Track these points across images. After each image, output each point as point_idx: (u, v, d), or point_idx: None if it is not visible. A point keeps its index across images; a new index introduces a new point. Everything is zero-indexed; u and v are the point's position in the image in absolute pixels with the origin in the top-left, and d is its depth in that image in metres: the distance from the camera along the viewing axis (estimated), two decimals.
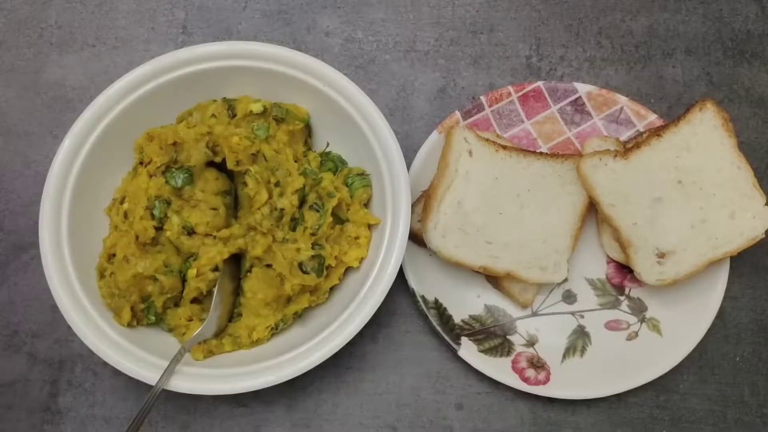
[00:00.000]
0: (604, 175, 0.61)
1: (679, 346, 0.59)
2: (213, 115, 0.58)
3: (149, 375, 0.51)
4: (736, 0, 0.72)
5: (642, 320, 0.62)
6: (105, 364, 0.52)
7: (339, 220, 0.58)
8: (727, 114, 0.62)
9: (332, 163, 0.60)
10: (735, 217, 0.60)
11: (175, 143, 0.56)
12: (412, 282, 0.60)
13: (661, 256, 0.60)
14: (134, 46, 0.69)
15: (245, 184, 0.56)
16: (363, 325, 0.53)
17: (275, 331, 0.57)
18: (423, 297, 0.60)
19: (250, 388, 0.52)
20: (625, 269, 0.63)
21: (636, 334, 0.61)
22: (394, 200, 0.55)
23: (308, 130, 0.61)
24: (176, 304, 0.57)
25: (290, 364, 0.52)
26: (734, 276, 0.60)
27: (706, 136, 0.61)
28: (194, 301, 0.57)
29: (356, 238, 0.57)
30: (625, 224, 0.60)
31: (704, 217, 0.60)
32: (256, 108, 0.58)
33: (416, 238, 0.62)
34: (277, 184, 0.56)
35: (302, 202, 0.57)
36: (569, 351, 0.61)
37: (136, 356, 0.52)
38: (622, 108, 0.66)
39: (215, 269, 0.56)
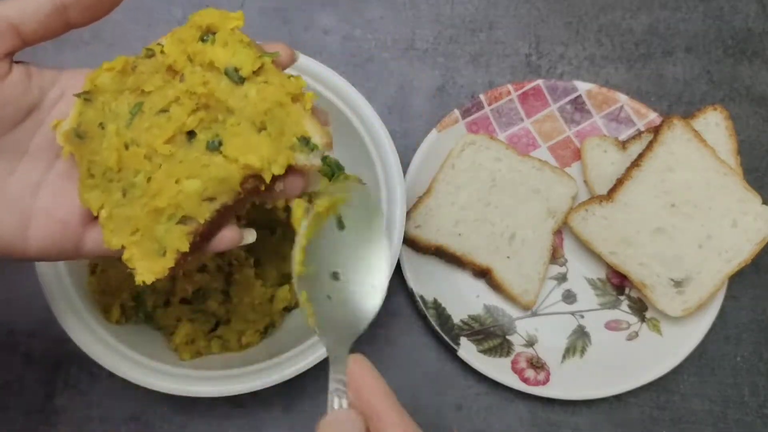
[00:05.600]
0: (596, 225, 0.61)
1: (680, 346, 0.59)
2: None
3: (135, 375, 0.51)
4: None
5: (642, 320, 0.61)
6: (101, 365, 0.52)
7: None
8: (693, 129, 0.62)
9: (329, 167, 0.59)
10: (737, 225, 0.60)
11: None
12: (411, 282, 0.60)
13: (678, 285, 0.59)
14: (131, 44, 0.69)
15: None
16: None
17: (264, 335, 0.57)
18: (422, 297, 0.60)
19: (246, 390, 0.52)
20: None
21: (636, 334, 0.61)
22: (390, 206, 0.55)
23: None
24: (166, 304, 0.57)
25: (288, 365, 0.52)
26: (735, 275, 0.60)
27: (683, 152, 0.61)
28: (183, 301, 0.57)
29: None
30: (632, 268, 0.60)
31: (708, 234, 0.60)
32: None
33: (413, 245, 0.61)
34: None
35: None
36: (569, 351, 0.60)
37: (124, 355, 0.52)
38: (622, 106, 0.66)
39: (201, 269, 0.55)
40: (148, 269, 0.37)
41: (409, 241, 0.61)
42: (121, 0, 0.38)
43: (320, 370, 0.54)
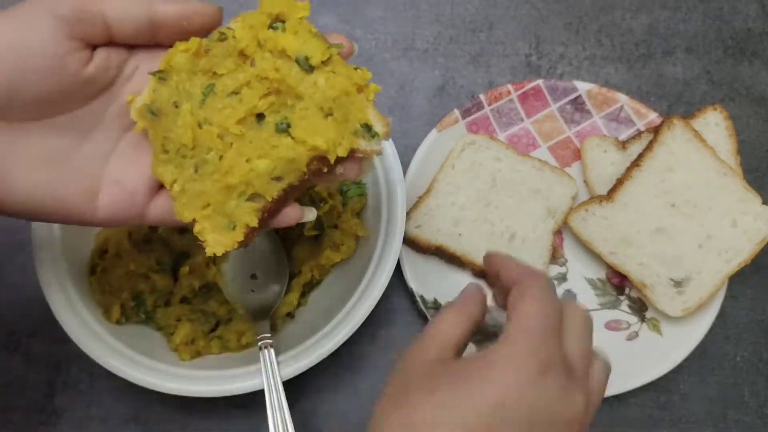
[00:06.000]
0: (596, 225, 0.61)
1: (680, 346, 0.59)
2: None
3: (136, 375, 0.51)
4: None
5: (642, 320, 0.61)
6: (101, 365, 0.52)
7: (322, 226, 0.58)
8: (693, 129, 0.62)
9: None
10: (737, 225, 0.60)
11: None
12: (411, 282, 0.60)
13: (678, 285, 0.59)
14: None
15: None
16: (356, 329, 0.52)
17: None
18: (422, 297, 0.60)
19: (246, 389, 0.52)
20: None
21: (636, 334, 0.61)
22: (390, 205, 0.55)
23: None
24: (166, 303, 0.57)
25: (288, 365, 0.52)
26: (735, 275, 0.60)
27: (683, 152, 0.61)
28: (183, 300, 0.57)
29: (340, 245, 0.57)
30: (632, 268, 0.60)
31: (708, 234, 0.60)
32: None
33: (413, 245, 0.61)
34: None
35: None
36: None
37: (125, 355, 0.52)
38: (622, 107, 0.66)
39: (208, 264, 0.56)
40: (218, 242, 0.40)
41: (409, 241, 0.61)
42: (209, 32, 0.39)
43: (320, 369, 0.54)
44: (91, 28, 0.37)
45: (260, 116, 0.39)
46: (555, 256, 0.63)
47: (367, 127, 0.40)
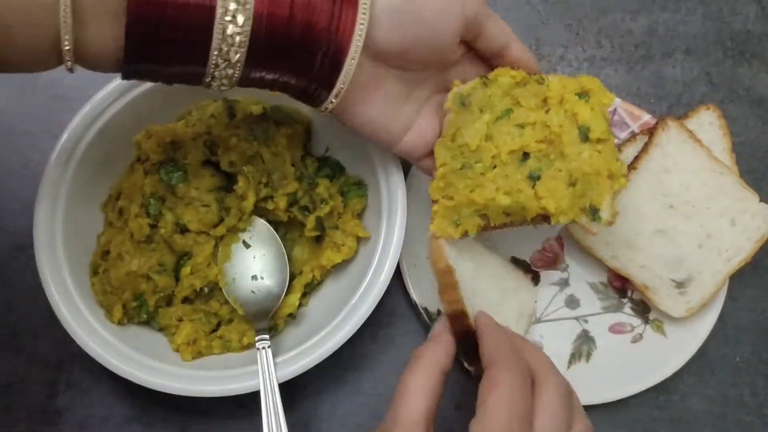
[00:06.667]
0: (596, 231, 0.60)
1: (685, 346, 0.59)
2: (212, 116, 0.58)
3: (137, 375, 0.51)
4: (736, 0, 0.72)
5: (646, 322, 0.61)
6: (103, 365, 0.53)
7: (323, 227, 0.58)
8: (688, 129, 0.62)
9: (330, 169, 0.60)
10: (736, 223, 0.60)
11: (173, 141, 0.56)
12: (414, 294, 0.60)
13: (681, 286, 0.59)
14: None
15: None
16: (356, 329, 0.52)
17: None
18: (426, 309, 0.60)
19: (246, 389, 0.52)
20: None
21: (641, 336, 0.61)
22: (390, 206, 0.55)
23: (308, 133, 0.61)
24: (168, 304, 0.57)
25: (289, 365, 0.52)
26: (734, 276, 0.60)
27: (678, 153, 0.61)
28: (185, 300, 0.57)
29: (341, 245, 0.57)
30: (634, 271, 0.60)
31: (708, 233, 0.60)
32: (256, 110, 0.57)
33: None
34: (266, 184, 0.56)
35: (292, 203, 0.57)
36: (575, 357, 0.60)
37: (126, 355, 0.52)
38: (615, 109, 0.65)
39: (209, 265, 0.56)
40: (441, 228, 0.48)
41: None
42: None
43: (320, 370, 0.54)
44: (474, 29, 0.47)
45: (525, 155, 0.47)
46: (556, 262, 0.63)
47: (594, 209, 0.47)
